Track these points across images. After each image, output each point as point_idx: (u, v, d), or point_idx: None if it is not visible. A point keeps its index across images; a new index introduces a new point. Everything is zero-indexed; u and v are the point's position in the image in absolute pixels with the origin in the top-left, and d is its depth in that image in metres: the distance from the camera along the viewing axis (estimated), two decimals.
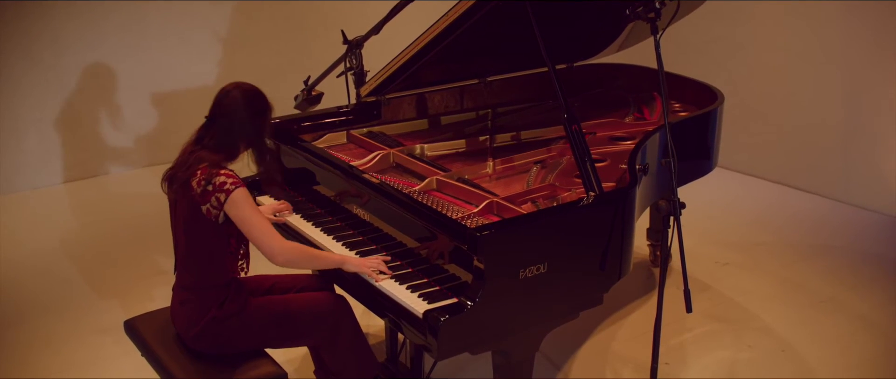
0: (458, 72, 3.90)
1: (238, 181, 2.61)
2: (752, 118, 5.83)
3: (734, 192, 5.60)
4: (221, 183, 2.58)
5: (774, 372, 3.58)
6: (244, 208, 2.60)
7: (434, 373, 3.36)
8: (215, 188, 2.58)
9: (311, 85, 3.74)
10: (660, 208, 2.69)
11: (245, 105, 2.71)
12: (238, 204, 2.59)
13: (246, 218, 2.61)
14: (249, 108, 2.71)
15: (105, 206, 5.40)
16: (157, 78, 5.89)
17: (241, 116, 2.69)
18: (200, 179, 2.60)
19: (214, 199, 2.58)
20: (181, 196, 2.66)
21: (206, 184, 2.59)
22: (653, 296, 4.19)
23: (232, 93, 2.72)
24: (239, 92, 2.72)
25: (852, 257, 4.67)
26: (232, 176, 2.62)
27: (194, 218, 2.63)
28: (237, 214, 2.61)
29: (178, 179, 2.65)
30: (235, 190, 2.59)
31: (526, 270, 2.53)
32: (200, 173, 2.61)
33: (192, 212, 2.63)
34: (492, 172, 3.31)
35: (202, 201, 2.59)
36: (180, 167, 2.68)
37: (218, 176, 2.59)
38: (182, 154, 2.73)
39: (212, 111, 2.74)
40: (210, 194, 2.58)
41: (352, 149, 3.54)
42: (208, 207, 2.59)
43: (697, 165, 3.85)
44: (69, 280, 4.43)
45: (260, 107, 2.74)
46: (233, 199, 2.58)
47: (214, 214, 2.60)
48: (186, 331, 2.72)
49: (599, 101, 4.31)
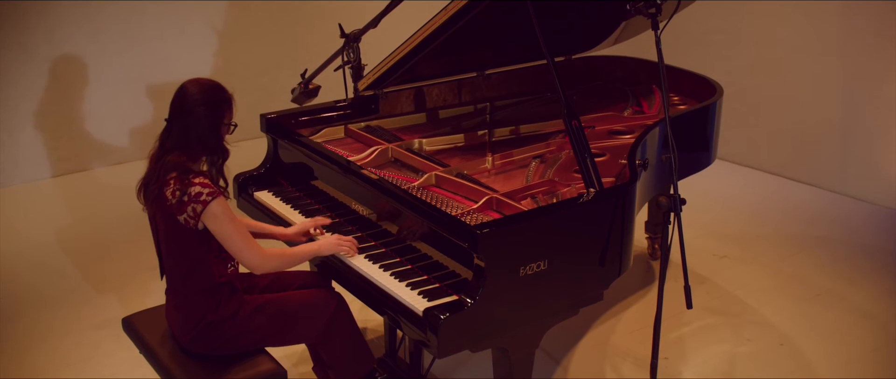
0: (456, 65, 3.88)
1: (214, 190, 2.55)
2: (750, 110, 5.82)
3: (732, 183, 5.59)
4: (197, 194, 2.52)
5: (774, 366, 3.58)
6: (222, 223, 2.55)
7: (433, 369, 3.36)
8: (191, 199, 2.52)
9: (308, 78, 3.72)
10: (660, 205, 2.68)
11: (200, 99, 2.60)
12: (216, 217, 2.54)
13: (224, 233, 2.57)
14: (204, 102, 2.60)
15: (101, 199, 5.37)
16: (153, 70, 5.85)
17: (196, 113, 2.59)
18: (174, 190, 2.54)
19: (191, 209, 2.53)
20: (157, 208, 2.62)
21: (181, 194, 2.53)
22: (651, 290, 4.18)
23: (187, 88, 2.63)
24: (193, 87, 2.63)
25: (850, 249, 4.67)
26: (207, 185, 2.55)
27: (173, 228, 2.59)
28: (215, 227, 2.56)
29: (151, 192, 2.60)
30: (212, 201, 2.53)
31: (526, 267, 2.52)
32: (174, 183, 2.55)
33: (169, 221, 2.59)
34: (491, 167, 3.30)
35: (178, 212, 2.55)
36: (151, 178, 2.62)
37: (192, 186, 2.53)
38: (150, 163, 2.67)
39: (169, 112, 2.66)
40: (186, 205, 2.53)
41: (350, 143, 3.52)
42: (185, 216, 2.55)
43: (696, 159, 3.84)
44: (65, 275, 4.41)
45: (215, 99, 2.63)
46: (210, 211, 2.53)
47: (192, 223, 2.56)
48: (182, 335, 2.71)
49: (597, 94, 4.30)
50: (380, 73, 3.49)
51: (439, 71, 3.83)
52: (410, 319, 2.54)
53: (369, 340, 3.61)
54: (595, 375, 3.49)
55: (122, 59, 5.71)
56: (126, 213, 5.14)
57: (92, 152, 5.74)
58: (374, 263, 2.80)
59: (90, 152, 5.74)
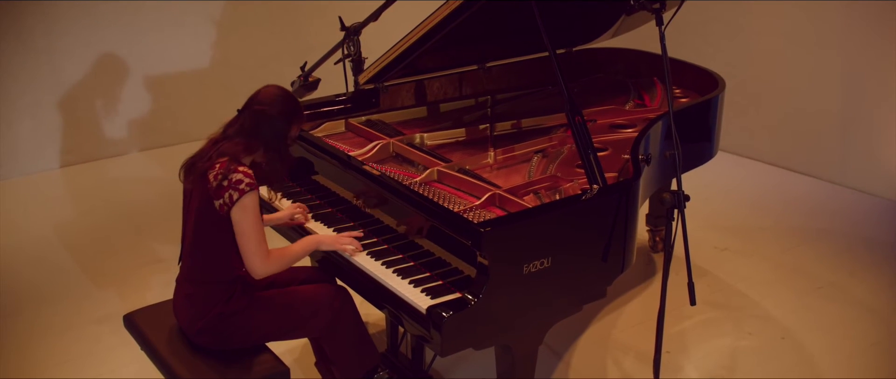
0: (457, 58, 3.86)
1: (254, 183, 2.58)
2: (750, 101, 5.80)
3: (732, 175, 5.57)
4: (238, 181, 2.55)
5: (776, 360, 3.58)
6: (248, 218, 2.58)
7: (435, 364, 3.35)
8: (230, 184, 2.55)
9: (308, 71, 3.70)
10: (664, 201, 2.67)
11: (278, 101, 2.68)
12: (245, 209, 2.57)
13: (245, 227, 2.58)
14: (281, 105, 2.68)
15: (100, 192, 5.35)
16: (152, 61, 5.82)
17: (271, 111, 2.66)
18: (217, 173, 2.57)
19: (228, 195, 2.55)
20: (197, 187, 2.63)
21: (222, 178, 2.55)
22: (652, 283, 4.18)
23: (268, 88, 2.72)
24: (276, 88, 2.72)
25: (851, 241, 4.67)
26: (250, 175, 2.58)
27: (206, 210, 2.61)
28: (240, 218, 2.58)
29: (197, 170, 2.63)
30: (249, 193, 2.56)
31: (530, 265, 2.52)
32: (219, 166, 2.58)
33: (204, 204, 2.60)
34: (493, 162, 3.28)
35: (216, 196, 2.57)
36: (201, 157, 2.66)
37: (235, 172, 2.56)
38: (206, 144, 2.71)
39: (245, 103, 2.72)
40: (224, 190, 2.55)
41: (351, 138, 3.50)
42: (221, 202, 2.56)
43: (698, 153, 3.83)
44: (66, 269, 4.40)
45: (291, 109, 2.71)
46: (243, 202, 2.55)
47: (226, 210, 2.58)
48: (190, 325, 2.70)
49: (599, 87, 4.28)
50: (381, 67, 3.48)
51: (440, 64, 3.81)
52: (414, 316, 2.53)
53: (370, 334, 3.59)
54: (597, 370, 3.49)
55: (120, 51, 5.68)
56: (126, 206, 5.15)
57: (91, 144, 5.72)
58: (377, 260, 2.79)
59: (89, 144, 5.72)
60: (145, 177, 5.56)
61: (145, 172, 5.64)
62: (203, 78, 6.03)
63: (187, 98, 6.00)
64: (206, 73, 6.02)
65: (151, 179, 5.49)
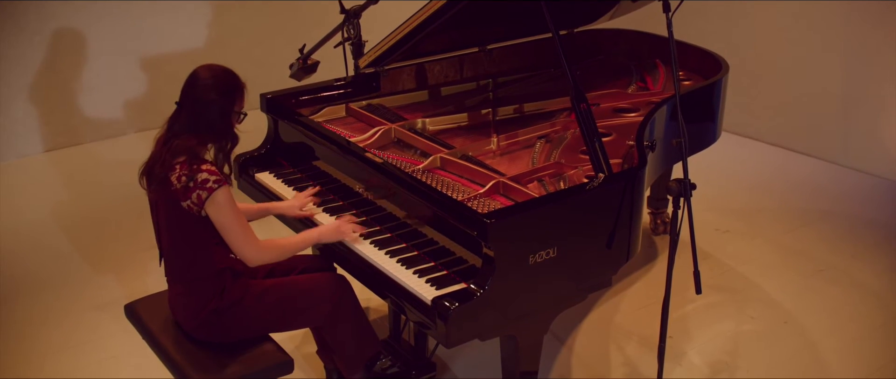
0: (458, 40, 3.81)
1: (220, 178, 2.51)
2: (751, 81, 5.76)
3: (733, 155, 5.54)
4: (204, 180, 2.48)
5: (778, 345, 3.57)
6: (225, 212, 2.52)
7: (438, 351, 3.34)
8: (196, 185, 2.48)
9: (306, 54, 3.65)
10: (670, 189, 2.64)
11: (215, 84, 2.57)
12: (219, 206, 2.51)
13: (225, 223, 2.54)
14: (219, 87, 2.57)
15: (95, 174, 5.30)
16: (145, 42, 5.76)
17: (212, 96, 2.55)
18: (180, 175, 2.50)
19: (195, 195, 2.49)
20: (160, 194, 2.57)
21: (187, 180, 2.49)
22: (654, 267, 4.16)
23: (199, 73, 2.59)
24: (207, 70, 2.59)
25: (853, 223, 4.65)
26: (214, 172, 2.51)
27: (176, 214, 2.55)
28: (217, 216, 2.53)
29: (156, 176, 2.55)
30: (218, 190, 2.49)
31: (536, 255, 2.49)
32: (180, 168, 2.51)
33: (172, 208, 2.54)
34: (496, 149, 3.25)
35: (183, 197, 2.50)
36: (156, 162, 2.57)
37: (200, 172, 2.49)
38: (156, 146, 2.62)
39: (180, 96, 2.62)
40: (191, 191, 2.49)
41: (351, 123, 3.46)
42: (189, 203, 2.50)
43: (702, 137, 3.80)
44: (64, 254, 4.36)
45: (230, 86, 2.60)
46: (214, 199, 2.49)
47: (195, 209, 2.52)
48: (187, 322, 2.67)
49: (601, 70, 4.24)
50: (382, 51, 3.43)
51: (440, 47, 3.76)
52: (419, 307, 2.51)
53: (372, 320, 3.58)
54: (600, 356, 3.48)
55: (114, 31, 5.61)
56: (122, 188, 5.08)
57: (86, 126, 5.67)
58: (380, 249, 2.77)
59: (84, 126, 5.66)
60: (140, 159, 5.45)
61: (140, 155, 5.51)
62: (198, 58, 5.85)
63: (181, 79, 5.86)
64: (201, 52, 5.95)
65: None
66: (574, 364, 3.42)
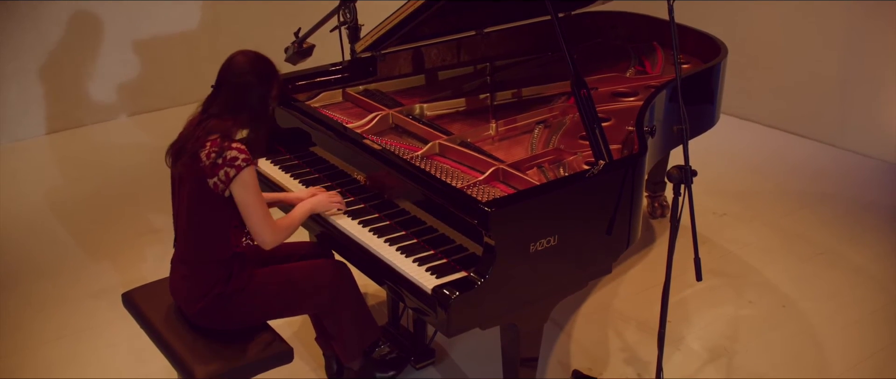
0: (455, 23, 3.77)
1: (249, 158, 2.53)
2: (748, 62, 5.73)
3: (730, 138, 5.52)
4: (233, 158, 2.50)
5: (777, 329, 3.57)
6: (249, 192, 2.54)
7: (437, 337, 3.33)
8: (225, 162, 2.50)
9: (302, 38, 3.61)
10: (671, 176, 2.63)
11: (253, 67, 2.61)
12: (245, 185, 2.53)
13: (248, 202, 2.56)
14: (257, 70, 2.61)
15: (90, 158, 5.27)
16: (139, 24, 5.70)
17: (250, 79, 2.59)
18: (210, 151, 2.52)
19: (223, 172, 2.50)
20: (188, 170, 2.57)
21: (216, 156, 2.50)
22: (651, 250, 4.16)
23: (236, 58, 2.62)
24: (243, 57, 2.62)
25: (851, 206, 4.65)
26: (244, 151, 2.53)
27: (200, 192, 2.55)
28: (241, 195, 2.54)
29: (187, 152, 2.56)
30: (246, 168, 2.51)
31: (536, 243, 2.48)
32: (210, 145, 2.52)
33: (197, 185, 2.55)
34: (494, 134, 3.22)
35: (210, 174, 2.51)
36: (188, 139, 2.58)
37: (230, 150, 2.51)
38: (188, 126, 2.63)
39: (218, 79, 2.64)
40: (219, 167, 2.50)
41: (349, 108, 3.43)
42: (216, 180, 2.51)
43: (701, 121, 3.78)
44: (59, 240, 4.33)
45: (266, 71, 2.64)
46: (242, 178, 2.51)
47: (221, 187, 2.53)
48: (189, 305, 2.66)
49: (599, 53, 4.21)
50: (378, 36, 3.40)
51: (437, 30, 3.72)
52: (418, 295, 2.50)
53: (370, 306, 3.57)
54: (599, 341, 3.48)
55: (109, 15, 5.55)
56: (117, 172, 5.08)
57: (79, 110, 5.62)
58: (379, 237, 2.75)
59: (78, 109, 5.62)
60: (135, 142, 5.48)
61: (135, 138, 5.55)
62: (192, 41, 5.91)
63: (176, 61, 5.89)
64: (194, 35, 5.90)
65: (141, 145, 5.41)
66: (573, 349, 3.42)
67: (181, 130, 2.64)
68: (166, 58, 5.85)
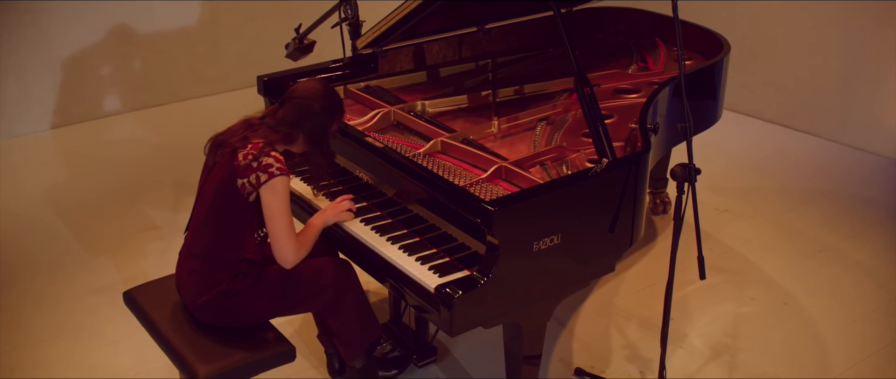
0: (457, 19, 3.75)
1: (284, 169, 2.53)
2: (748, 56, 5.72)
3: (731, 133, 5.50)
4: (267, 164, 2.50)
5: (778, 326, 3.57)
6: (278, 200, 2.53)
7: (439, 335, 3.33)
8: (260, 167, 2.50)
9: (302, 34, 3.60)
10: (675, 175, 2.63)
11: (321, 96, 2.65)
12: (275, 192, 2.52)
13: (275, 211, 2.54)
14: (323, 100, 2.65)
15: (90, 154, 5.25)
16: (137, 19, 5.67)
17: (313, 106, 2.63)
18: (248, 153, 2.52)
19: (255, 176, 2.50)
20: (222, 162, 2.57)
21: (252, 159, 2.51)
22: (653, 247, 4.15)
23: (310, 82, 2.71)
24: (318, 82, 2.71)
25: (852, 202, 4.65)
26: (281, 161, 2.54)
27: (227, 187, 2.55)
28: (270, 201, 2.53)
29: (227, 145, 2.57)
30: (279, 176, 2.51)
31: (540, 242, 2.47)
32: (251, 147, 2.54)
33: (227, 180, 2.55)
34: (497, 132, 3.21)
35: (242, 174, 2.51)
36: (233, 134, 2.60)
37: (267, 156, 2.51)
38: (239, 123, 2.66)
39: (285, 95, 2.68)
40: (252, 171, 2.50)
41: (350, 105, 3.42)
42: (245, 181, 2.51)
43: (703, 118, 3.77)
44: (59, 237, 4.32)
45: (333, 103, 2.68)
46: (273, 184, 2.51)
47: (248, 190, 2.52)
48: (192, 299, 2.65)
49: (600, 49, 4.19)
50: (380, 32, 3.38)
51: (439, 26, 3.71)
52: (421, 294, 2.49)
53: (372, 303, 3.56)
54: (601, 338, 3.47)
55: (109, 10, 5.52)
56: (117, 169, 5.06)
57: (78, 106, 5.60)
58: (382, 236, 2.74)
59: (76, 106, 5.59)
60: (135, 138, 5.46)
61: (135, 134, 5.53)
62: (192, 36, 5.88)
63: (175, 57, 5.87)
64: (194, 31, 5.87)
65: (141, 141, 5.39)
66: (575, 346, 3.41)
67: (230, 125, 2.66)
68: (166, 53, 5.82)
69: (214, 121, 2.65)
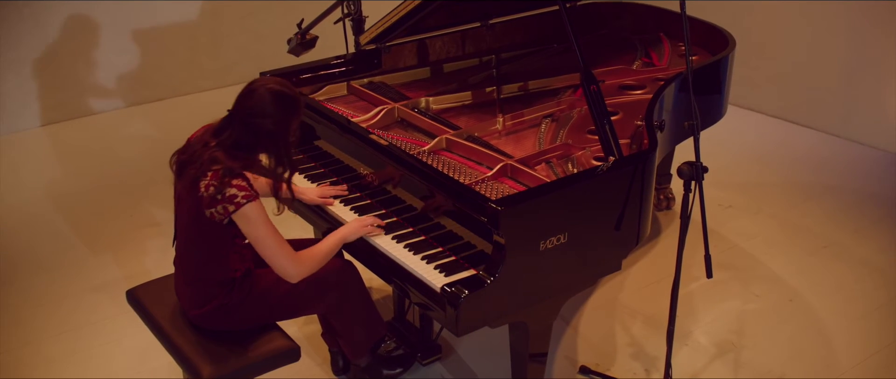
0: (460, 14, 3.73)
1: (250, 194, 2.39)
2: (752, 51, 5.69)
3: (735, 128, 5.45)
4: (232, 196, 2.38)
5: (784, 323, 3.55)
6: (256, 226, 2.42)
7: (443, 333, 3.31)
8: (224, 199, 2.38)
9: (305, 29, 3.57)
10: (682, 173, 2.61)
11: (272, 107, 2.42)
12: (249, 219, 2.41)
13: (258, 236, 2.44)
14: (275, 111, 2.43)
15: (90, 149, 5.22)
16: (138, 13, 5.64)
17: (264, 123, 2.43)
18: (209, 184, 2.39)
19: (221, 207, 2.40)
20: (187, 193, 2.48)
21: (215, 192, 2.38)
22: (657, 244, 4.13)
23: (257, 91, 2.43)
24: (266, 90, 2.43)
25: (856, 197, 4.62)
26: (245, 188, 2.39)
27: (197, 217, 2.47)
28: (249, 230, 2.44)
29: (188, 176, 2.45)
30: (246, 204, 2.38)
31: (546, 241, 2.45)
32: (211, 176, 2.40)
33: (195, 210, 2.46)
34: (501, 128, 3.18)
35: (207, 206, 2.41)
36: (192, 160, 2.45)
37: (230, 187, 2.38)
38: (196, 142, 2.50)
39: (234, 108, 2.48)
40: (218, 203, 2.39)
41: (353, 101, 3.39)
42: (213, 211, 2.41)
43: (709, 114, 3.75)
44: (60, 233, 4.29)
45: (286, 108, 2.45)
46: (243, 213, 2.40)
47: (219, 218, 2.43)
48: (191, 310, 2.62)
49: (605, 44, 4.17)
50: (383, 29, 3.35)
51: (442, 21, 3.68)
52: (426, 293, 2.47)
53: (376, 300, 3.55)
54: (606, 336, 3.46)
55: (108, 4, 5.49)
56: (117, 164, 5.03)
57: (77, 101, 5.57)
58: (386, 234, 2.72)
59: (76, 99, 5.57)
60: (134, 133, 5.43)
61: (134, 129, 5.50)
62: (192, 30, 5.85)
63: (175, 51, 5.84)
64: (195, 25, 5.84)
65: (141, 136, 5.37)
66: (580, 344, 3.39)
67: (191, 136, 2.54)
68: (166, 47, 5.79)
69: (215, 115, 2.55)
